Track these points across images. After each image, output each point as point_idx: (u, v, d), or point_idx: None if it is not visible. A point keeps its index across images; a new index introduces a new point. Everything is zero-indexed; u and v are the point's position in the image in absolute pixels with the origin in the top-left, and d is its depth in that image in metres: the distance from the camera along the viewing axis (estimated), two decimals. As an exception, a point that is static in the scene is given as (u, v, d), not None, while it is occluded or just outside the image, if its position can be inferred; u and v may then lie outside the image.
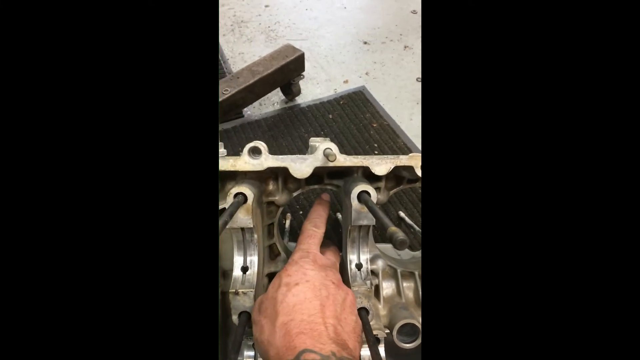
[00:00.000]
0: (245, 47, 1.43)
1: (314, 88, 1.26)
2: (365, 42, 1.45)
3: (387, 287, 0.53)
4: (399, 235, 0.29)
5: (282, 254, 0.54)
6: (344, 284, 0.43)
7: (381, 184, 0.51)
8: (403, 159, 0.47)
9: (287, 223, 0.77)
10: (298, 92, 1.18)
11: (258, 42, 1.45)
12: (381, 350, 0.45)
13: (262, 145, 0.45)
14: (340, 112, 1.13)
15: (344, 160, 0.46)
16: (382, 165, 0.47)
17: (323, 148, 0.45)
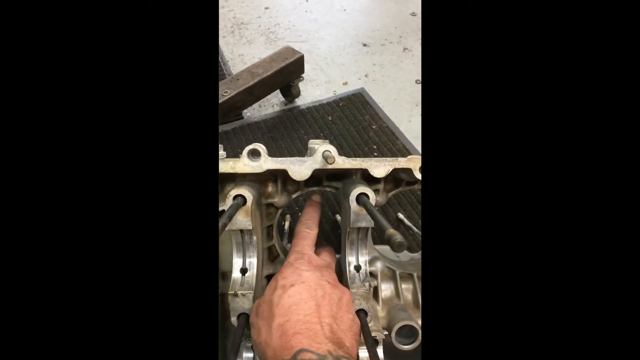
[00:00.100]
0: (245, 49, 1.43)
1: (313, 90, 1.27)
2: (364, 44, 1.45)
3: (386, 289, 0.53)
4: (397, 237, 0.29)
5: (281, 256, 0.54)
6: (340, 284, 0.44)
7: (380, 186, 0.51)
8: (401, 162, 0.47)
9: (286, 225, 0.78)
10: (297, 94, 1.18)
11: (258, 44, 1.45)
12: (380, 352, 0.45)
13: (262, 148, 0.46)
14: (339, 113, 1.13)
15: (342, 163, 0.46)
16: (380, 167, 0.47)
17: (322, 150, 0.45)
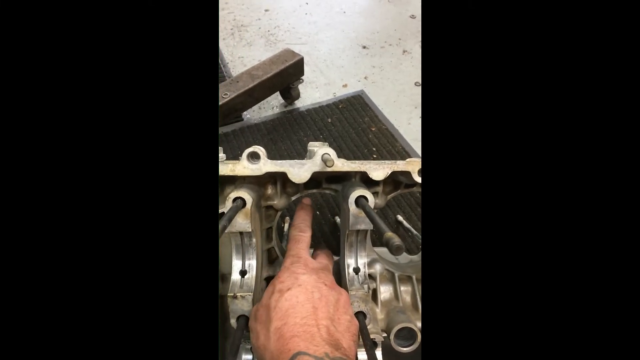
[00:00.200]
0: (245, 51, 1.43)
1: (313, 92, 1.27)
2: (364, 47, 1.46)
3: (385, 291, 0.53)
4: (395, 240, 0.29)
5: (281, 258, 0.54)
6: (337, 285, 0.44)
7: (379, 188, 0.51)
8: (400, 164, 0.47)
9: (285, 227, 0.78)
10: (297, 96, 1.18)
11: (258, 46, 1.46)
12: (378, 354, 0.45)
13: (261, 150, 0.46)
14: (339, 116, 1.14)
15: (341, 166, 0.47)
16: (379, 170, 0.47)
17: (321, 153, 0.46)
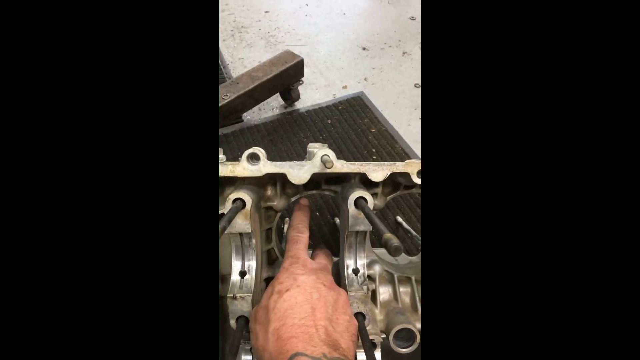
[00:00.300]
0: (245, 52, 1.44)
1: (313, 93, 1.27)
2: (364, 48, 1.46)
3: (384, 292, 0.53)
4: (394, 242, 0.29)
5: (280, 259, 0.54)
6: (336, 285, 0.44)
7: (378, 189, 0.52)
8: (399, 166, 0.47)
9: (285, 228, 0.78)
10: (297, 98, 1.19)
11: (258, 48, 1.46)
12: (377, 355, 0.45)
13: (261, 152, 0.46)
14: (339, 117, 1.14)
15: (341, 167, 0.47)
16: (378, 171, 0.47)
17: (321, 155, 0.46)
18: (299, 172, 0.47)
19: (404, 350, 0.46)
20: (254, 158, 0.46)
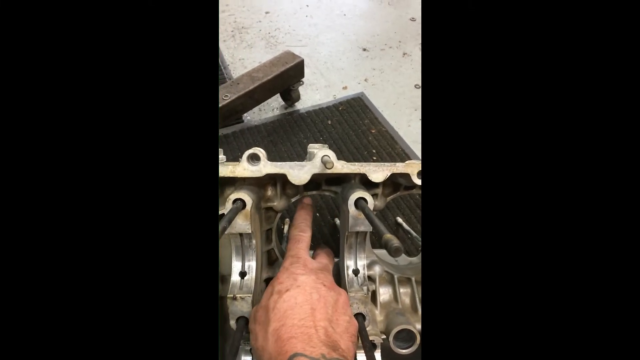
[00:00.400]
0: (246, 53, 1.44)
1: (313, 94, 1.27)
2: (364, 49, 1.46)
3: (384, 293, 0.53)
4: (394, 242, 0.29)
5: (280, 259, 0.54)
6: (337, 285, 0.44)
7: (378, 190, 0.52)
8: (399, 167, 0.47)
9: (285, 228, 0.78)
10: (297, 98, 1.19)
11: (258, 48, 1.46)
12: (377, 356, 0.45)
13: (261, 152, 0.46)
14: (339, 118, 1.14)
15: (341, 168, 0.47)
16: (378, 172, 0.48)
17: (321, 155, 0.46)
18: (299, 173, 0.47)
19: (404, 351, 0.46)
20: (254, 158, 0.46)
